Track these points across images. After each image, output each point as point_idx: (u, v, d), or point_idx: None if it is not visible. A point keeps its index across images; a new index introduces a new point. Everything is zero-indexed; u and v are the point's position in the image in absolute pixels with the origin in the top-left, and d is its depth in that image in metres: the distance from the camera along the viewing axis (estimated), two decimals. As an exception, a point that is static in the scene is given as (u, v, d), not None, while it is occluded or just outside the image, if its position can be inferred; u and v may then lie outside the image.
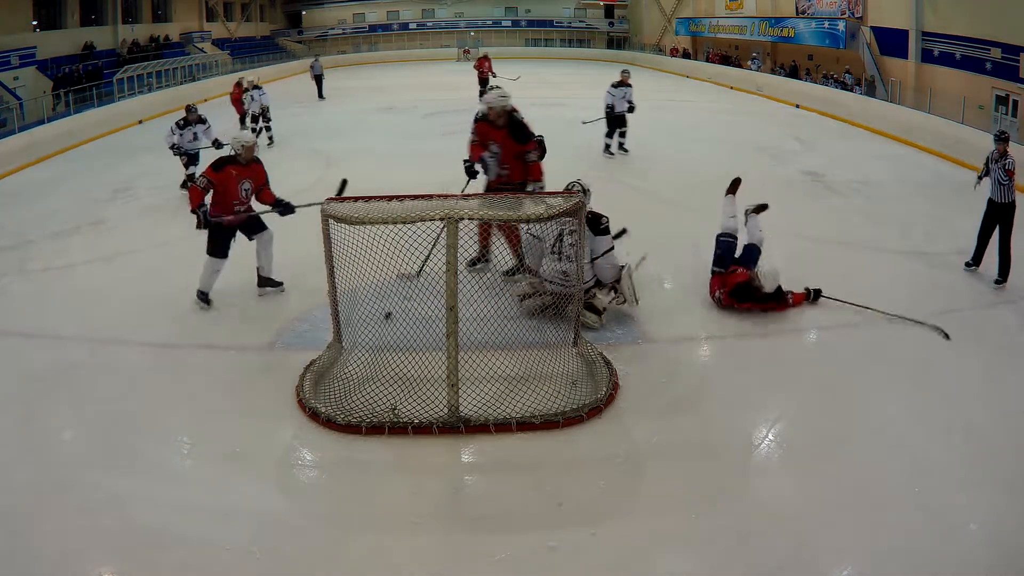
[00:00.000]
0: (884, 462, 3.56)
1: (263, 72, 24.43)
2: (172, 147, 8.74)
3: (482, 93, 13.46)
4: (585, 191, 5.07)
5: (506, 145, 5.56)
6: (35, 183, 10.04)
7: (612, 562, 2.95)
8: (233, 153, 5.49)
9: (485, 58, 17.55)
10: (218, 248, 5.33)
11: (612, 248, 5.04)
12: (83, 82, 16.24)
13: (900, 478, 3.42)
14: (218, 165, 5.40)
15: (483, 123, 5.70)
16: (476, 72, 17.44)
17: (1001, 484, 3.37)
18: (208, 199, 5.31)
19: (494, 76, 16.31)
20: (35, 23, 18.52)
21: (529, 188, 5.50)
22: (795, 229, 7.10)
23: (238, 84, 13.15)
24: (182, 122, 8.76)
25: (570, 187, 5.07)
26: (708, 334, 5.01)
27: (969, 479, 3.43)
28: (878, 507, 3.22)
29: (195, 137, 8.84)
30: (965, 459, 3.59)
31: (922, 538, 3.04)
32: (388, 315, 4.43)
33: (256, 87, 12.35)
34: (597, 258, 4.96)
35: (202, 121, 8.90)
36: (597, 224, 4.97)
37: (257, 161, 5.64)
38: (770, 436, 3.81)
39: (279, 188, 8.94)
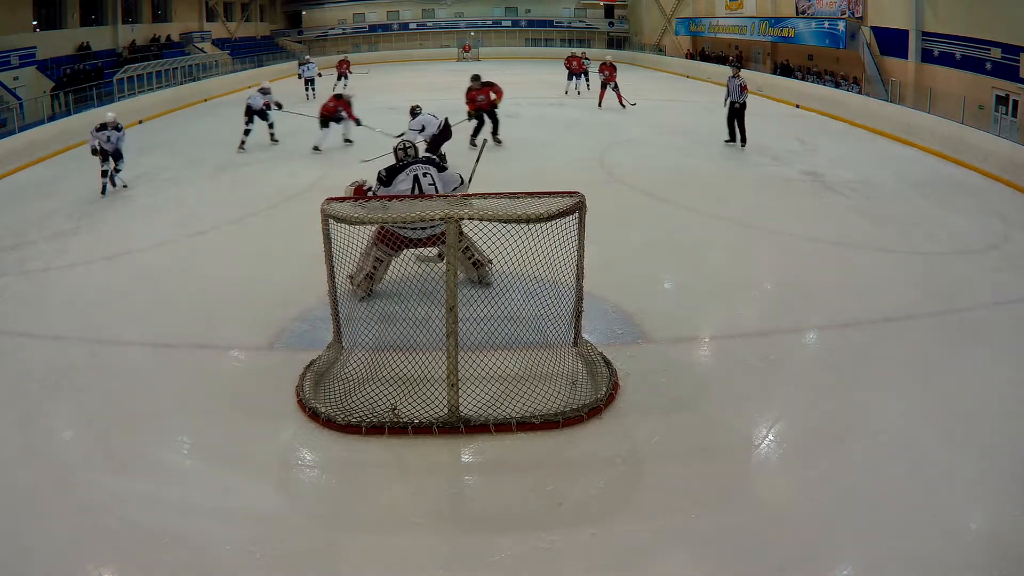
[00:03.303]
0: (884, 462, 3.56)
1: (263, 72, 24.49)
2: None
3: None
4: (415, 146, 5.39)
5: None
6: (35, 183, 10.05)
7: (612, 562, 2.96)
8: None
9: (573, 56, 18.60)
10: None
11: (462, 183, 5.35)
12: (86, 81, 16.24)
13: (900, 478, 3.42)
14: None
15: None
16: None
17: (1001, 484, 3.37)
18: None
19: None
20: (35, 23, 18.51)
21: None
22: (795, 229, 7.10)
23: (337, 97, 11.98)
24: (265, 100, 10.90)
25: (400, 146, 5.36)
26: (708, 334, 5.01)
27: (969, 479, 3.43)
28: (878, 507, 3.22)
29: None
30: (965, 459, 3.58)
31: (922, 538, 3.04)
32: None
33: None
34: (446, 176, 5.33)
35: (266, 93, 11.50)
36: (441, 166, 5.36)
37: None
38: (770, 436, 3.81)
39: (280, 187, 8.93)
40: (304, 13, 35.32)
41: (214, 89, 20.60)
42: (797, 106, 16.65)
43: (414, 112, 9.62)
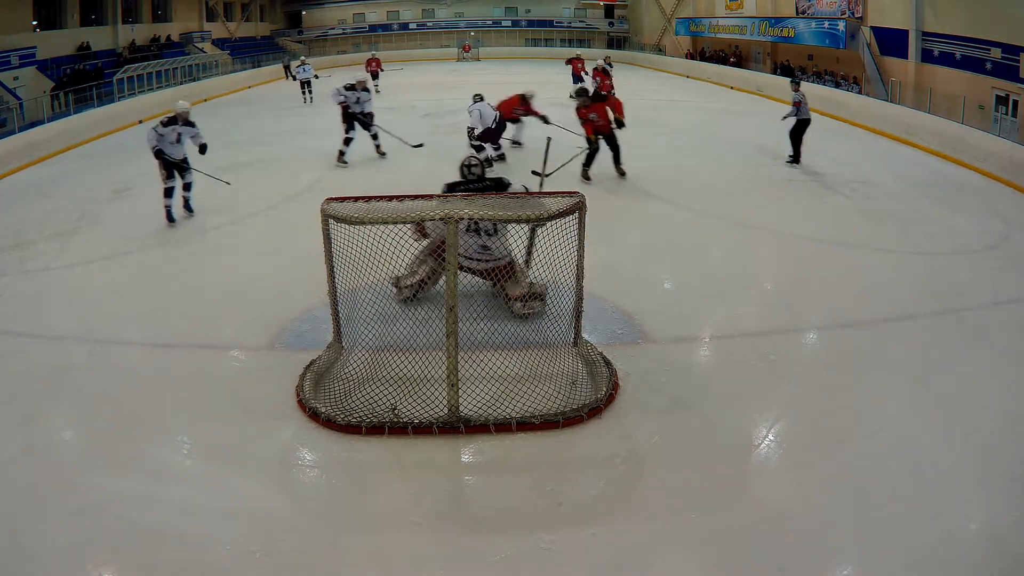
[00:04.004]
0: (884, 462, 3.56)
1: (263, 72, 24.50)
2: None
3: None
4: (481, 164, 5.30)
5: None
6: (35, 183, 10.04)
7: (612, 562, 2.96)
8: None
9: (577, 58, 18.09)
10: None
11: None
12: (86, 81, 16.24)
13: (900, 478, 3.42)
14: None
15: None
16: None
17: (1001, 484, 3.37)
18: None
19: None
20: (35, 23, 18.52)
21: None
22: (795, 229, 7.10)
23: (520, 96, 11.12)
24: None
25: (467, 163, 5.29)
26: (708, 334, 5.01)
27: (969, 479, 3.43)
28: (878, 507, 3.22)
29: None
30: (965, 459, 3.59)
31: (922, 538, 3.04)
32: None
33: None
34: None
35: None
36: (503, 184, 5.31)
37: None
38: (770, 436, 3.81)
39: (280, 187, 8.93)
40: (304, 13, 35.33)
41: (214, 89, 20.61)
42: (797, 106, 16.64)
43: (476, 100, 9.58)
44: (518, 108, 10.45)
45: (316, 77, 18.47)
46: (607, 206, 7.70)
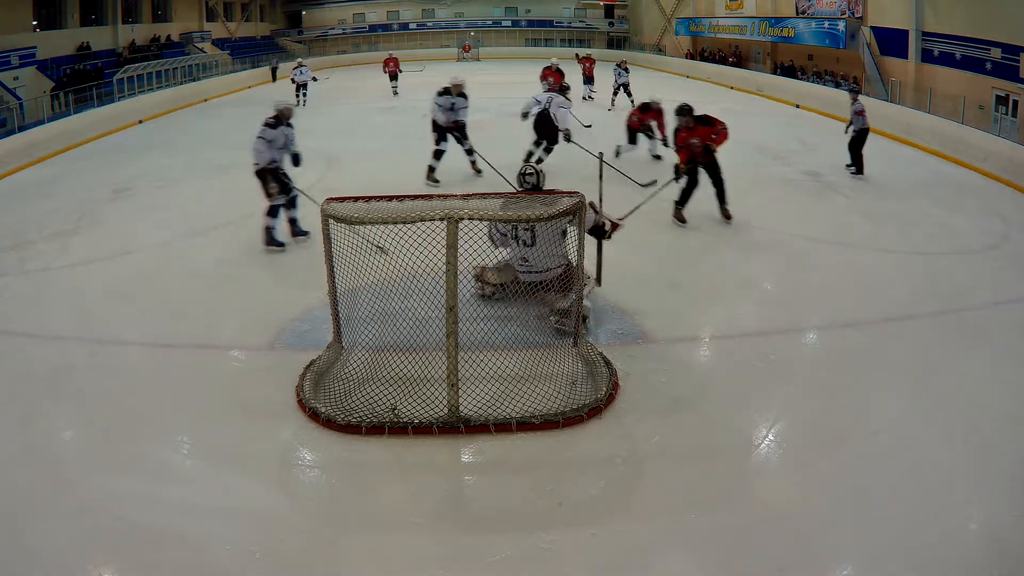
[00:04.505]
0: (884, 462, 3.56)
1: (263, 72, 24.47)
2: None
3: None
4: (537, 173, 5.19)
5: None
6: (35, 183, 10.04)
7: (612, 562, 2.95)
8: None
9: (587, 58, 17.90)
10: None
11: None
12: (86, 81, 16.24)
13: (900, 478, 3.42)
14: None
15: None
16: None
17: (1001, 484, 3.37)
18: None
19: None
20: (35, 23, 18.52)
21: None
22: (795, 229, 7.10)
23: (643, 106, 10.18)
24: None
25: (523, 172, 5.22)
26: (708, 334, 5.01)
27: (969, 479, 3.43)
28: (878, 507, 3.22)
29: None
30: (965, 459, 3.58)
31: (922, 538, 3.04)
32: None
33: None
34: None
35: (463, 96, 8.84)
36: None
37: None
38: (770, 436, 3.81)
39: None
40: (304, 13, 35.35)
41: (214, 89, 20.62)
42: (797, 106, 16.66)
43: (562, 88, 9.38)
44: (651, 120, 9.78)
45: (314, 80, 17.88)
46: (607, 206, 7.68)
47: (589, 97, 17.22)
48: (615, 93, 15.73)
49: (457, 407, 3.77)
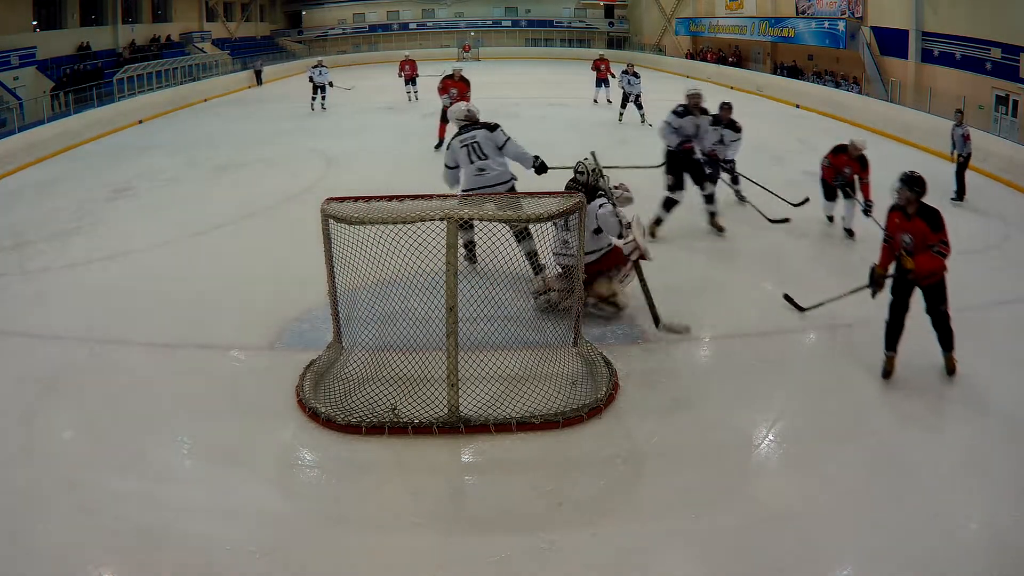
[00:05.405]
0: (884, 462, 3.56)
1: (264, 72, 24.44)
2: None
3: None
4: (593, 171, 5.11)
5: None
6: (35, 183, 10.04)
7: (612, 562, 2.95)
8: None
9: (602, 59, 16.48)
10: None
11: (607, 204, 4.97)
12: (86, 81, 16.24)
13: (900, 478, 3.42)
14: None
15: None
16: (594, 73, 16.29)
17: (1001, 484, 3.37)
18: None
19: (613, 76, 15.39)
20: (35, 23, 18.51)
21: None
22: (795, 228, 7.10)
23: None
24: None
25: (577, 167, 5.16)
26: (708, 334, 5.00)
27: (969, 479, 3.43)
28: (878, 507, 3.22)
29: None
30: (965, 459, 3.59)
31: (922, 538, 3.04)
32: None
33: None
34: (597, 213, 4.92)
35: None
36: (594, 191, 5.08)
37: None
38: (770, 436, 3.81)
39: (280, 187, 8.94)
40: (304, 13, 35.32)
41: (214, 89, 20.61)
42: (797, 106, 16.66)
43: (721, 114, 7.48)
44: (840, 167, 6.80)
45: (331, 85, 16.36)
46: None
47: (609, 100, 15.87)
48: (623, 105, 13.70)
49: (457, 407, 3.77)
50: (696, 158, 6.79)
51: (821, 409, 4.04)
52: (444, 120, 10.41)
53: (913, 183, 4.39)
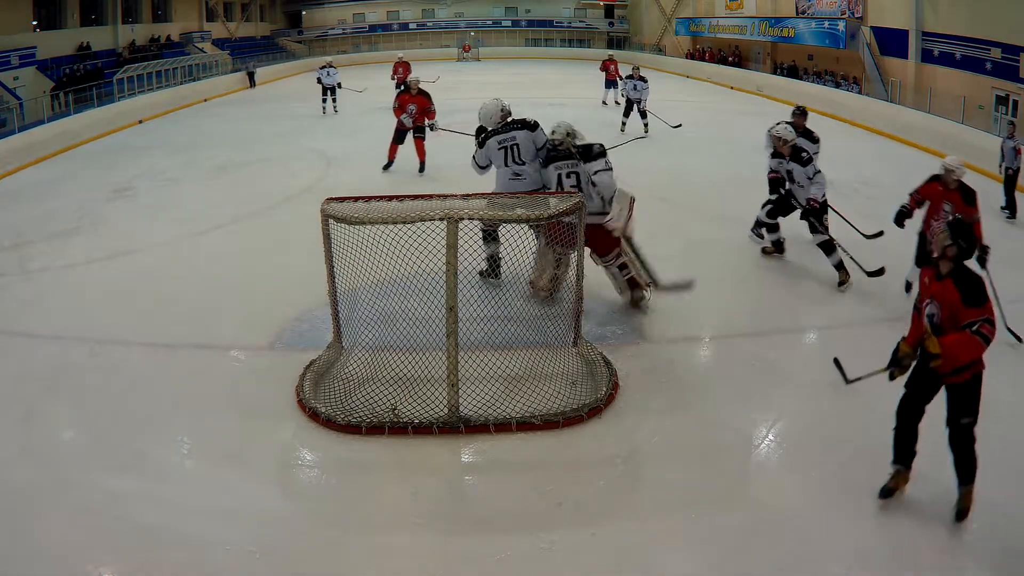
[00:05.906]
0: (884, 462, 3.55)
1: (263, 72, 24.46)
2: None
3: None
4: (570, 134, 5.08)
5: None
6: (35, 183, 10.04)
7: (612, 562, 2.95)
8: None
9: (611, 60, 15.90)
10: None
11: (607, 168, 5.01)
12: (86, 81, 16.24)
13: (900, 478, 3.42)
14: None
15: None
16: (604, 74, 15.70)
17: (1002, 484, 3.37)
18: None
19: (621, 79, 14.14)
20: (35, 23, 18.51)
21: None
22: (795, 229, 7.09)
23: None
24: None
25: (555, 131, 5.09)
26: (708, 334, 5.01)
27: (969, 479, 3.42)
28: (878, 507, 3.22)
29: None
30: (965, 459, 3.58)
31: (922, 538, 3.04)
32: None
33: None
34: (593, 176, 4.96)
35: None
36: (590, 151, 5.05)
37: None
38: (770, 436, 3.81)
39: (280, 187, 8.93)
40: (304, 13, 35.32)
41: (214, 89, 20.61)
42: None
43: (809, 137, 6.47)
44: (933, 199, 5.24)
45: (340, 86, 15.65)
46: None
47: (617, 102, 14.90)
48: (626, 114, 12.65)
49: (457, 407, 3.78)
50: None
51: (821, 409, 4.04)
52: (398, 141, 9.46)
53: (959, 233, 3.09)
